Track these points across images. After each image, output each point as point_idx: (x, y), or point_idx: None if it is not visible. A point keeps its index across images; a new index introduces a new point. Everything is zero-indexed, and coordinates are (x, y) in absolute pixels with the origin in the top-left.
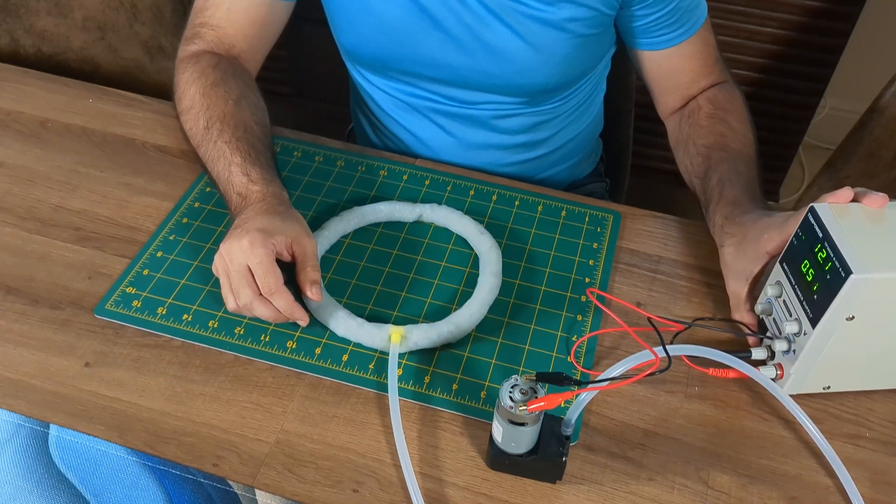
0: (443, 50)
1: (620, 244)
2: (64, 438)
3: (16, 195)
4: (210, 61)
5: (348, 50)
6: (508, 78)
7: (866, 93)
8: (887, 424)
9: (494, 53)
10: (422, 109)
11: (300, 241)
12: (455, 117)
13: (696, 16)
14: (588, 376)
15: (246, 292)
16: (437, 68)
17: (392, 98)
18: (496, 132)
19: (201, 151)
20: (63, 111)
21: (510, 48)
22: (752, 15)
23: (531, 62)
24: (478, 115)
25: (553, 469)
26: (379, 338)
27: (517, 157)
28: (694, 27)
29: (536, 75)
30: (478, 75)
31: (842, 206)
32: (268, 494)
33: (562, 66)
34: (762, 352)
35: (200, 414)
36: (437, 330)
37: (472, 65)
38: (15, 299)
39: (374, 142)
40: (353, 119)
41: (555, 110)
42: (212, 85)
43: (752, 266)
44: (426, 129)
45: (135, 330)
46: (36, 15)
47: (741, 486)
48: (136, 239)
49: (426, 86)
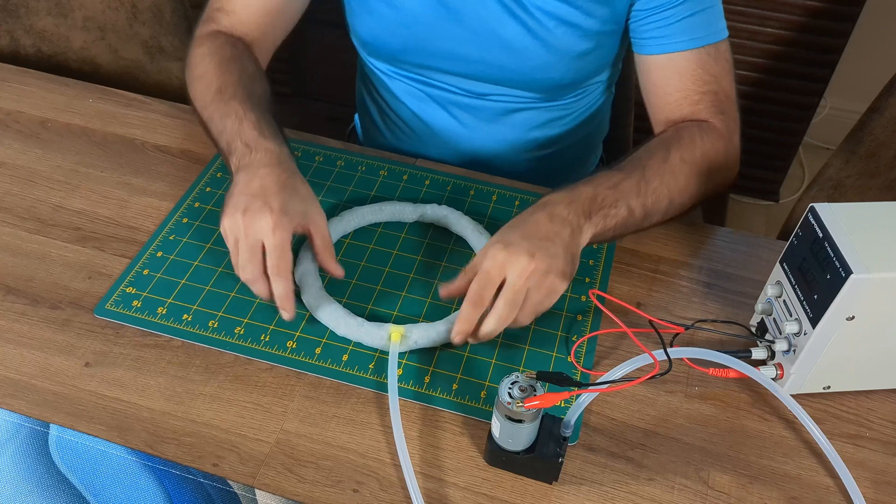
0: (460, 44)
1: (620, 244)
2: (64, 438)
3: (16, 195)
4: (227, 40)
5: (366, 42)
6: (523, 73)
7: (866, 93)
8: (887, 424)
9: (510, 49)
10: (437, 99)
11: (316, 221)
12: (469, 108)
13: (703, 29)
14: (588, 377)
15: (252, 269)
16: (454, 61)
17: (406, 87)
18: (508, 126)
19: (208, 112)
20: (63, 111)
21: (525, 45)
22: (752, 15)
23: (545, 59)
24: (492, 108)
25: (550, 469)
26: (379, 337)
27: (526, 153)
28: (696, 41)
29: (551, 72)
30: (493, 70)
31: (842, 205)
32: (268, 494)
33: (576, 64)
34: (762, 352)
35: (200, 414)
36: (437, 329)
37: (488, 59)
38: (15, 299)
39: (383, 131)
40: (358, 109)
41: (568, 107)
42: (228, 59)
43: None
44: (439, 119)
45: (135, 330)
46: (36, 15)
47: (741, 486)
48: (136, 239)
49: (442, 77)
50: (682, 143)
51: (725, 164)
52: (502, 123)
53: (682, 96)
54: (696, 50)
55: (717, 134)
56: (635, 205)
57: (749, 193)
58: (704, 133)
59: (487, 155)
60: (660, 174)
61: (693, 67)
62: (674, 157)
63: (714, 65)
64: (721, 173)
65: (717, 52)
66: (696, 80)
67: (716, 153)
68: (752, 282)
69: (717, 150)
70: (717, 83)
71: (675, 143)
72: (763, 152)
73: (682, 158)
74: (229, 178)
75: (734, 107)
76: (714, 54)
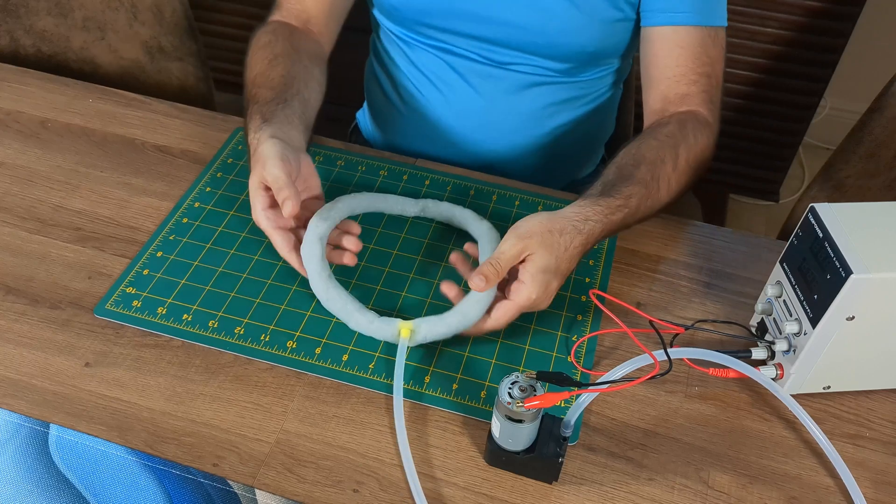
0: (488, 4)
1: (620, 244)
2: (64, 438)
3: (16, 195)
4: (286, 32)
5: (392, 5)
6: (549, 36)
7: (866, 93)
8: (887, 424)
9: (538, 8)
10: (457, 67)
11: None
12: (489, 77)
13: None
14: (588, 377)
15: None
16: (479, 23)
17: (427, 55)
18: (527, 100)
19: (258, 70)
20: (63, 111)
21: (554, 5)
22: (752, 15)
23: (574, 21)
24: (513, 78)
25: (549, 469)
26: (389, 333)
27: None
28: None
29: (578, 36)
30: (519, 32)
31: (842, 205)
32: (268, 494)
33: (602, 30)
34: (762, 352)
35: (200, 414)
36: (446, 322)
37: (514, 20)
38: (15, 299)
39: (398, 106)
40: (368, 91)
41: (585, 87)
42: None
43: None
44: (458, 89)
45: (135, 330)
46: (36, 15)
47: (741, 486)
48: (136, 239)
49: (464, 43)
50: (689, 143)
51: (711, 158)
52: (521, 97)
53: (681, 73)
54: (700, 28)
55: (710, 129)
56: (631, 222)
57: (749, 193)
58: (701, 130)
59: (501, 131)
60: (667, 182)
61: (694, 45)
62: (681, 160)
63: (713, 48)
64: (703, 170)
65: (716, 37)
66: (696, 60)
67: (709, 151)
68: (752, 282)
69: (710, 147)
70: (712, 67)
71: (683, 142)
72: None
73: (688, 161)
74: None
75: (720, 95)
76: (714, 38)
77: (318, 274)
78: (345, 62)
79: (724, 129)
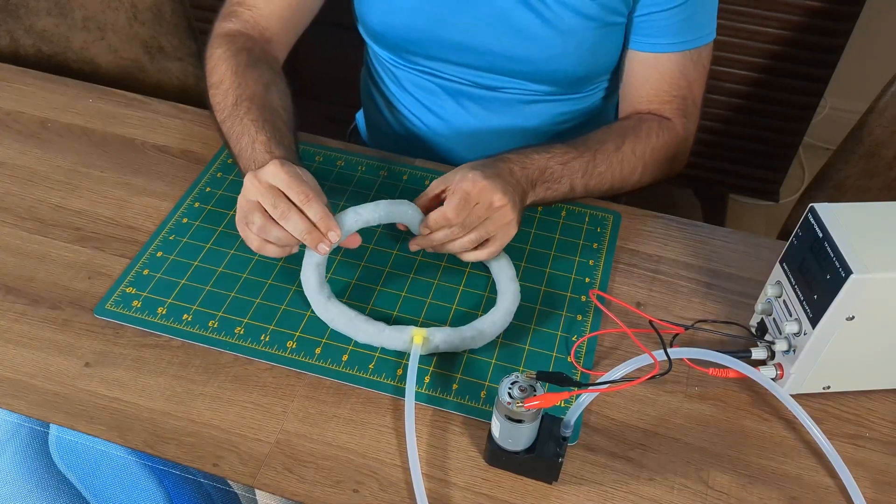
0: (473, 34)
1: (620, 244)
2: (64, 438)
3: (16, 195)
4: (245, 44)
5: (377, 32)
6: (536, 64)
7: (866, 93)
8: (887, 424)
9: (523, 38)
10: (448, 90)
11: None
12: (480, 100)
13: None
14: (588, 377)
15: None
16: (465, 52)
17: (416, 79)
18: (519, 118)
19: (227, 126)
20: (63, 111)
21: (539, 34)
22: (752, 15)
23: (559, 49)
24: (504, 100)
25: (549, 469)
26: (401, 340)
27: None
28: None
29: (564, 62)
30: (505, 61)
31: (842, 205)
32: (268, 494)
33: (589, 55)
34: (762, 352)
35: (200, 414)
36: (462, 335)
37: (500, 49)
38: (15, 299)
39: (391, 122)
40: (364, 103)
41: (577, 102)
42: (244, 66)
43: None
44: (449, 110)
45: (135, 330)
46: (36, 15)
47: (741, 486)
48: (136, 239)
49: (453, 70)
50: (639, 135)
51: (674, 160)
52: (513, 116)
53: (655, 94)
54: (681, 53)
55: (674, 134)
56: (578, 184)
57: (749, 193)
58: (662, 130)
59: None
60: (608, 161)
61: (673, 70)
62: (626, 147)
63: (692, 70)
64: (667, 167)
65: (698, 57)
66: (672, 84)
67: (667, 150)
68: (752, 282)
69: (669, 147)
70: (689, 89)
71: (632, 134)
72: (763, 152)
73: (633, 150)
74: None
75: (698, 112)
76: (695, 59)
77: (317, 298)
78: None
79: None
